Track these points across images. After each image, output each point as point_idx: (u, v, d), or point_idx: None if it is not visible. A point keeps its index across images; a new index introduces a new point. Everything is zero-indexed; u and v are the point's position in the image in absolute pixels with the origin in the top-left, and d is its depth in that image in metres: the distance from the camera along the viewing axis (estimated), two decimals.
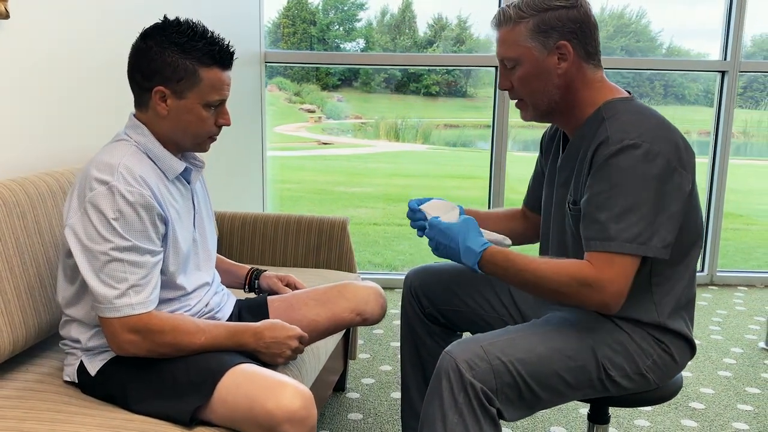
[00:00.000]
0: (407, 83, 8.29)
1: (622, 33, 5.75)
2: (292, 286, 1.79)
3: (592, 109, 1.46)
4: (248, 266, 1.85)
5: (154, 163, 1.42)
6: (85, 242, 1.30)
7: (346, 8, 7.23)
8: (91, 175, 1.32)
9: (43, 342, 1.65)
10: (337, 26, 7.39)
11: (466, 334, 1.91)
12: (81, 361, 1.42)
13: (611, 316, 1.46)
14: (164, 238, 1.40)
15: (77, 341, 1.43)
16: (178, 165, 1.45)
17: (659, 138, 1.35)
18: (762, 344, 3.01)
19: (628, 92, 1.50)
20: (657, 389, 1.52)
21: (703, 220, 1.50)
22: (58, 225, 1.62)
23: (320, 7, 7.13)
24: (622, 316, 1.46)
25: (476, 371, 1.35)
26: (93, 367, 1.40)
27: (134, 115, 1.45)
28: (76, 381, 1.43)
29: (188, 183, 1.52)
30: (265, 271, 1.82)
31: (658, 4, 5.62)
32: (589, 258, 1.36)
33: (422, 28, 7.33)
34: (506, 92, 1.54)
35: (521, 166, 3.49)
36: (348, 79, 8.43)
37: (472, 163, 9.91)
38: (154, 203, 1.35)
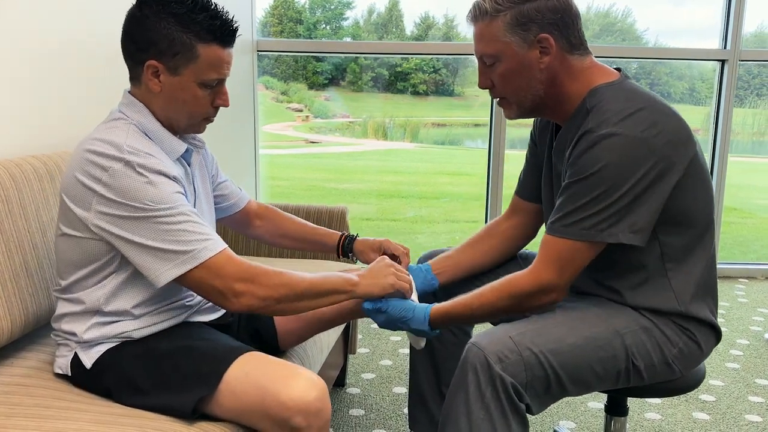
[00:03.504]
0: (395, 82, 8.25)
1: (608, 32, 5.75)
2: (389, 254, 1.67)
3: (579, 101, 1.38)
4: (337, 233, 1.74)
5: (156, 144, 1.32)
6: (122, 223, 1.20)
7: (332, 7, 7.17)
8: (97, 155, 1.22)
9: (30, 334, 1.55)
10: (324, 25, 7.33)
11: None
12: (75, 353, 1.32)
13: (633, 305, 1.40)
14: None
15: (72, 334, 1.32)
16: (179, 146, 1.35)
17: (643, 122, 1.27)
18: None
19: (618, 69, 1.42)
20: (680, 378, 1.45)
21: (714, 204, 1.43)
22: (46, 209, 1.52)
23: (307, 6, 7.07)
24: (643, 306, 1.39)
25: (506, 364, 1.27)
26: (89, 358, 1.30)
27: (129, 92, 1.35)
28: (69, 374, 1.33)
29: (189, 165, 1.41)
30: (357, 236, 1.73)
31: (643, 3, 5.62)
32: (545, 241, 1.34)
33: (409, 27, 7.29)
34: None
35: (511, 163, 3.53)
36: (335, 78, 8.37)
37: (462, 161, 9.89)
38: (173, 171, 1.26)
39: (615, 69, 1.43)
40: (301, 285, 1.28)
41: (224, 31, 1.30)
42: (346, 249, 1.72)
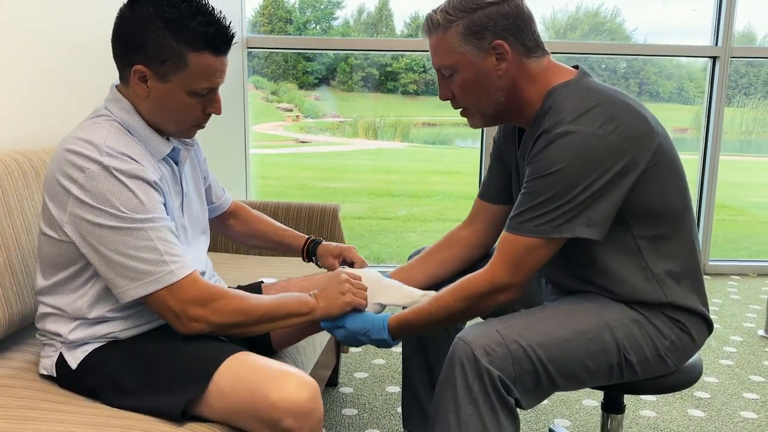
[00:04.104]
0: (385, 82, 8.24)
1: (597, 31, 5.77)
2: (349, 262, 1.66)
3: (539, 103, 1.36)
4: (303, 237, 1.73)
5: (140, 144, 1.27)
6: (94, 230, 1.16)
7: (322, 6, 7.15)
8: (75, 155, 1.17)
9: (14, 334, 1.50)
10: (314, 25, 7.30)
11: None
12: (60, 353, 1.28)
13: (622, 299, 1.38)
14: None
15: (57, 335, 1.29)
16: (165, 146, 1.30)
17: (598, 118, 1.25)
18: (761, 332, 2.96)
19: (576, 67, 1.40)
20: (676, 373, 1.44)
21: (689, 191, 1.42)
22: (31, 207, 1.49)
23: (297, 6, 7.04)
24: (631, 299, 1.37)
25: (493, 357, 1.25)
26: (74, 358, 1.27)
27: (116, 87, 1.30)
28: (54, 375, 1.29)
29: (176, 164, 1.37)
30: (322, 242, 1.70)
31: (632, 2, 5.63)
32: (502, 238, 1.33)
33: (399, 27, 7.28)
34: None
35: None
36: (325, 78, 8.35)
37: (453, 160, 9.88)
38: (152, 176, 1.21)
39: (573, 67, 1.41)
40: (258, 311, 1.26)
41: (218, 39, 1.23)
42: (310, 253, 1.70)
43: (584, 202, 1.25)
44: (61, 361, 1.28)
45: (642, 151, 1.28)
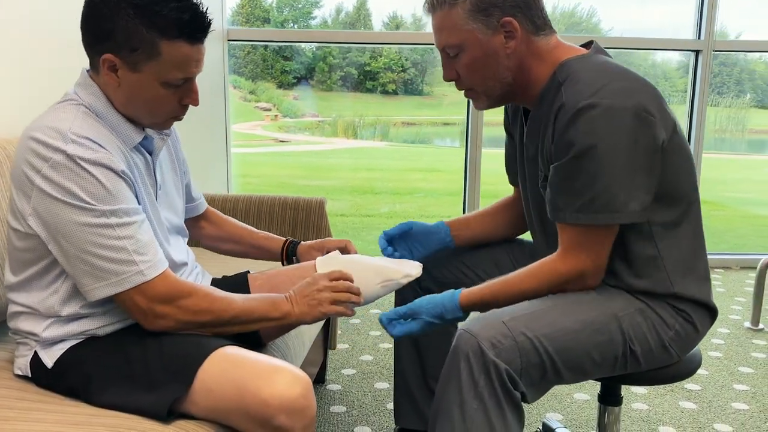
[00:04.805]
0: (364, 81, 8.22)
1: (574, 31, 5.79)
2: (333, 250, 1.59)
3: (546, 80, 1.32)
4: (281, 239, 1.66)
5: (109, 130, 1.20)
6: (58, 223, 1.10)
7: (300, 6, 7.11)
8: (39, 143, 1.10)
9: None
10: (292, 24, 7.27)
11: None
12: (35, 352, 1.21)
13: (629, 287, 1.35)
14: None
15: (31, 333, 1.22)
16: (136, 135, 1.23)
17: (619, 91, 1.21)
18: (747, 324, 2.95)
19: (589, 44, 1.37)
20: (677, 364, 1.41)
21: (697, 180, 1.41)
22: (4, 199, 1.41)
23: (274, 5, 7.00)
24: (638, 288, 1.34)
25: (500, 350, 1.21)
26: (50, 357, 1.20)
27: (88, 72, 1.22)
28: (30, 375, 1.22)
29: (150, 154, 1.30)
30: (300, 242, 1.64)
31: (608, 3, 5.66)
32: (561, 229, 1.29)
33: (377, 26, 7.26)
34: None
35: (486, 160, 3.61)
36: (304, 77, 8.31)
37: (433, 159, 9.90)
38: (120, 165, 1.14)
39: (587, 42, 1.38)
40: (227, 313, 1.21)
41: (194, 26, 1.16)
42: (290, 254, 1.64)
43: (634, 181, 1.22)
44: (36, 361, 1.21)
45: (662, 126, 1.25)
